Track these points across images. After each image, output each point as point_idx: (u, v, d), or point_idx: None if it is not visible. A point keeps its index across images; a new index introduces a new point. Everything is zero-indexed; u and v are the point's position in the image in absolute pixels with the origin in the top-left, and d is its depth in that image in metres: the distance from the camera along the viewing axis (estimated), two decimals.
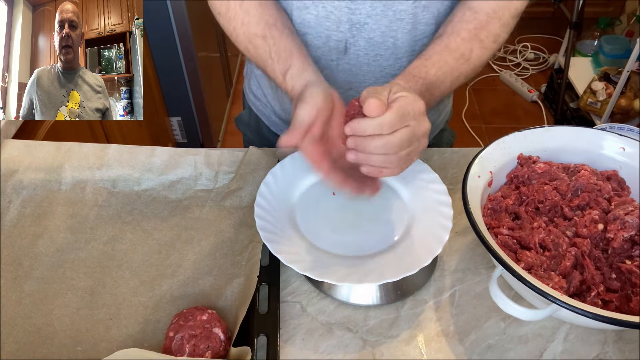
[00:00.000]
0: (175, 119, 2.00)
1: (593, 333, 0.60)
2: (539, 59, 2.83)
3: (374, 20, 0.69)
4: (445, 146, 0.97)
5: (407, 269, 0.57)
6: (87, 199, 0.74)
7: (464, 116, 2.49)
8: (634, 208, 0.61)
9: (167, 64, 1.80)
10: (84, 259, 0.67)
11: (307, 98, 0.55)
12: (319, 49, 0.73)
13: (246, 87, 0.95)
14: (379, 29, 0.70)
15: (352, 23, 0.70)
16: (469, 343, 0.59)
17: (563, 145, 0.70)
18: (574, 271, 0.57)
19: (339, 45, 0.72)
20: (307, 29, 0.72)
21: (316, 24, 0.71)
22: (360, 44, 0.72)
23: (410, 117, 0.53)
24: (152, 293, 0.63)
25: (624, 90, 2.02)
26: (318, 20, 0.70)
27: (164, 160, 0.77)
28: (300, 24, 0.71)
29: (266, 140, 0.94)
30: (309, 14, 0.70)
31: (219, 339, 0.55)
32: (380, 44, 0.72)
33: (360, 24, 0.70)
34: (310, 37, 0.72)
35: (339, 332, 0.61)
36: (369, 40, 0.71)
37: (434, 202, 0.65)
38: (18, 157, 0.77)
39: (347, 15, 0.69)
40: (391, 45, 0.72)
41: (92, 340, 0.59)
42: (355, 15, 0.69)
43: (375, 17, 0.69)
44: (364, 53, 0.73)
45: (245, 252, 0.67)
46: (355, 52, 0.73)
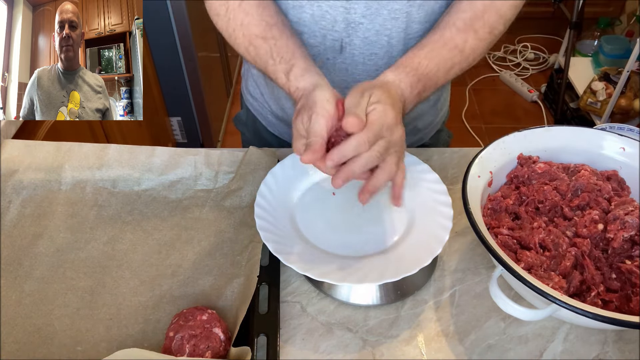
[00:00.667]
0: (175, 119, 2.00)
1: (593, 333, 0.60)
2: (539, 59, 2.83)
3: (369, 20, 0.70)
4: (442, 146, 0.97)
5: (407, 269, 0.57)
6: (87, 199, 0.74)
7: (464, 116, 2.49)
8: (634, 208, 0.61)
9: (167, 64, 1.80)
10: (84, 259, 0.67)
11: (319, 109, 0.56)
12: (314, 48, 0.73)
13: (243, 87, 0.95)
14: (373, 28, 0.71)
15: (347, 22, 0.70)
16: (469, 343, 0.59)
17: (563, 145, 0.70)
18: (574, 271, 0.57)
19: (334, 44, 0.72)
20: (303, 27, 0.72)
21: (312, 23, 0.71)
22: (356, 43, 0.72)
23: (384, 129, 0.55)
24: (152, 293, 0.63)
25: (624, 90, 2.02)
26: (314, 20, 0.70)
27: (164, 160, 0.77)
28: (296, 23, 0.71)
29: (263, 139, 0.94)
30: (304, 13, 0.70)
31: (219, 339, 0.55)
32: (375, 42, 0.72)
33: (356, 23, 0.70)
34: (306, 37, 0.73)
35: (339, 332, 0.61)
36: (364, 39, 0.72)
37: (434, 202, 0.65)
38: (18, 157, 0.77)
39: (343, 15, 0.69)
40: (386, 43, 0.72)
41: (92, 340, 0.59)
42: (351, 14, 0.69)
43: (370, 17, 0.69)
44: (359, 52, 0.73)
45: (245, 252, 0.67)
46: (350, 51, 0.73)
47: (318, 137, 0.54)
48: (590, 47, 2.49)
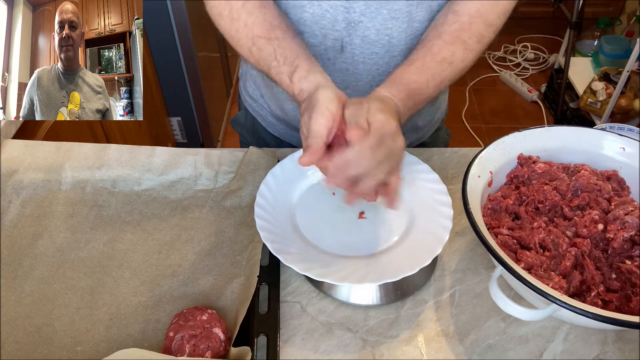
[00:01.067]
0: (175, 119, 2.00)
1: (593, 333, 0.60)
2: (539, 59, 2.83)
3: (369, 19, 0.69)
4: (441, 145, 0.97)
5: (407, 269, 0.57)
6: (87, 199, 0.74)
7: (463, 116, 2.49)
8: (634, 208, 0.61)
9: (167, 64, 1.80)
10: (84, 259, 0.67)
11: (321, 108, 0.55)
12: (315, 47, 0.73)
13: (242, 88, 0.95)
14: (373, 27, 0.70)
15: (347, 22, 0.70)
16: (469, 343, 0.60)
17: (563, 145, 0.70)
18: (574, 271, 0.57)
19: (335, 44, 0.72)
20: (304, 27, 0.72)
21: (312, 23, 0.71)
22: (356, 43, 0.72)
23: (387, 137, 0.54)
24: (152, 293, 0.63)
25: (624, 90, 2.02)
26: (314, 19, 0.70)
27: (164, 160, 0.77)
28: (297, 23, 0.71)
29: (263, 141, 0.94)
30: (305, 13, 0.70)
31: (219, 339, 0.55)
32: (376, 42, 0.72)
33: (355, 23, 0.70)
34: (307, 36, 0.72)
35: (339, 332, 0.61)
36: (363, 38, 0.71)
37: (434, 202, 0.65)
38: (18, 157, 0.77)
39: (343, 14, 0.69)
40: (386, 43, 0.72)
41: (92, 340, 0.59)
42: (351, 14, 0.69)
43: (369, 16, 0.69)
44: (359, 51, 0.73)
45: (245, 252, 0.67)
46: (351, 51, 0.73)
47: (317, 137, 0.54)
48: (590, 47, 2.49)
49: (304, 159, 0.53)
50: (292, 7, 0.70)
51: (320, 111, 0.54)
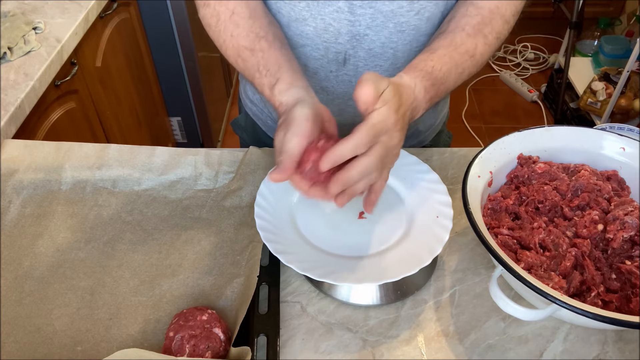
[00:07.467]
0: (175, 119, 2.00)
1: (593, 333, 0.60)
2: (539, 59, 2.83)
3: (374, 32, 0.69)
4: (442, 147, 0.96)
5: (407, 269, 0.57)
6: (87, 199, 0.74)
7: (464, 116, 2.49)
8: (634, 208, 0.61)
9: (167, 64, 1.80)
10: (84, 259, 0.67)
11: (295, 127, 0.53)
12: (317, 60, 0.73)
13: (242, 91, 0.95)
14: (379, 40, 0.70)
15: (352, 35, 0.69)
16: (469, 343, 0.60)
17: (563, 145, 0.70)
18: (574, 271, 0.57)
19: (338, 57, 0.72)
20: (306, 40, 0.71)
21: (315, 36, 0.70)
22: (360, 55, 0.71)
23: (383, 132, 0.52)
24: (152, 293, 0.63)
25: (624, 90, 2.02)
26: (317, 33, 0.70)
27: (164, 160, 0.77)
28: (299, 36, 0.71)
29: (263, 144, 0.93)
30: (307, 26, 0.69)
31: (219, 339, 0.55)
32: (380, 55, 0.71)
33: (360, 36, 0.69)
34: (309, 49, 0.72)
35: (339, 332, 0.61)
36: (368, 51, 0.71)
37: (434, 202, 0.65)
38: (18, 157, 0.77)
39: (347, 27, 0.68)
40: (391, 56, 0.72)
41: (92, 340, 0.59)
42: (355, 27, 0.68)
43: (375, 29, 0.69)
44: (363, 64, 0.72)
45: (245, 252, 0.67)
46: (354, 63, 0.73)
47: (290, 156, 0.53)
48: (590, 47, 2.49)
49: (275, 176, 0.53)
50: (294, 21, 0.70)
51: (294, 130, 0.53)
